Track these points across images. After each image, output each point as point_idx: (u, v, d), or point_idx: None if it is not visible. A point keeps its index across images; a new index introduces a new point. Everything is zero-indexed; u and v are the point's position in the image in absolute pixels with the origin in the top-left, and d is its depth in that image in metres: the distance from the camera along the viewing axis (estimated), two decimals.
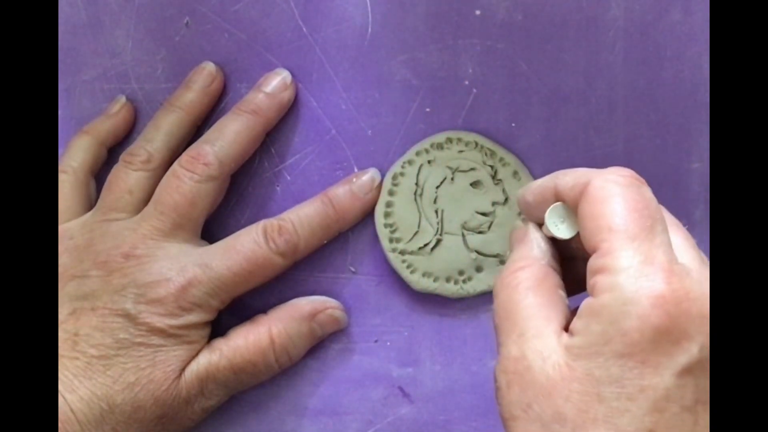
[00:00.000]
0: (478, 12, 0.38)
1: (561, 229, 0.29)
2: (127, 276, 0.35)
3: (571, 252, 0.30)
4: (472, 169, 0.38)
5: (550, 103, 0.38)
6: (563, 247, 0.30)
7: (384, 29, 0.38)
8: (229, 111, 0.38)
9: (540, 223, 0.30)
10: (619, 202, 0.26)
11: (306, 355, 0.38)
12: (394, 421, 0.39)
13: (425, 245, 0.38)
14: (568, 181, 0.29)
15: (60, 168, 0.39)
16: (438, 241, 0.38)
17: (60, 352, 0.34)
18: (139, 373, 0.34)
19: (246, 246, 0.36)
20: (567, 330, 0.27)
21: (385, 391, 0.39)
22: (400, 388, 0.39)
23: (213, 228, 0.39)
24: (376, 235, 0.38)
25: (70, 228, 0.37)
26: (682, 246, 0.27)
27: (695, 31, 0.37)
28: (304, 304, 0.38)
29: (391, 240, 0.38)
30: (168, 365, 0.34)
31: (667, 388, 0.24)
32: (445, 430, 0.39)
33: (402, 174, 0.38)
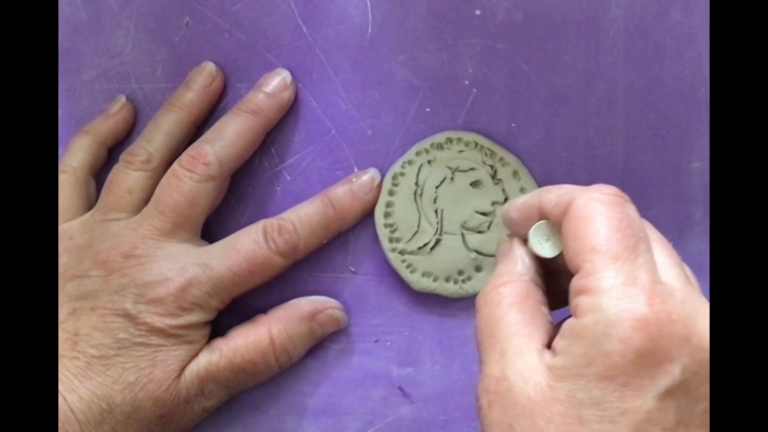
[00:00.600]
0: (478, 12, 0.38)
1: (545, 247, 0.29)
2: (127, 276, 0.35)
3: (555, 266, 0.30)
4: (472, 169, 0.38)
5: (550, 103, 0.38)
6: (548, 262, 0.30)
7: (384, 29, 0.38)
8: (229, 111, 0.38)
9: (525, 239, 0.30)
10: (602, 221, 0.26)
11: (306, 355, 0.38)
12: (394, 421, 0.39)
13: (425, 245, 0.38)
14: (551, 198, 0.29)
15: (60, 168, 0.39)
16: (438, 241, 0.38)
17: (60, 352, 0.34)
18: (139, 373, 0.34)
19: (246, 246, 0.36)
20: (549, 347, 0.26)
21: (385, 391, 0.39)
22: (400, 388, 0.39)
23: (213, 228, 0.39)
24: (376, 235, 0.38)
25: (70, 228, 0.37)
26: (666, 264, 0.27)
27: (695, 31, 0.37)
28: (304, 304, 0.38)
29: (390, 240, 0.38)
30: (168, 365, 0.34)
31: (649, 410, 0.24)
32: (445, 430, 0.39)
33: (402, 174, 0.38)
